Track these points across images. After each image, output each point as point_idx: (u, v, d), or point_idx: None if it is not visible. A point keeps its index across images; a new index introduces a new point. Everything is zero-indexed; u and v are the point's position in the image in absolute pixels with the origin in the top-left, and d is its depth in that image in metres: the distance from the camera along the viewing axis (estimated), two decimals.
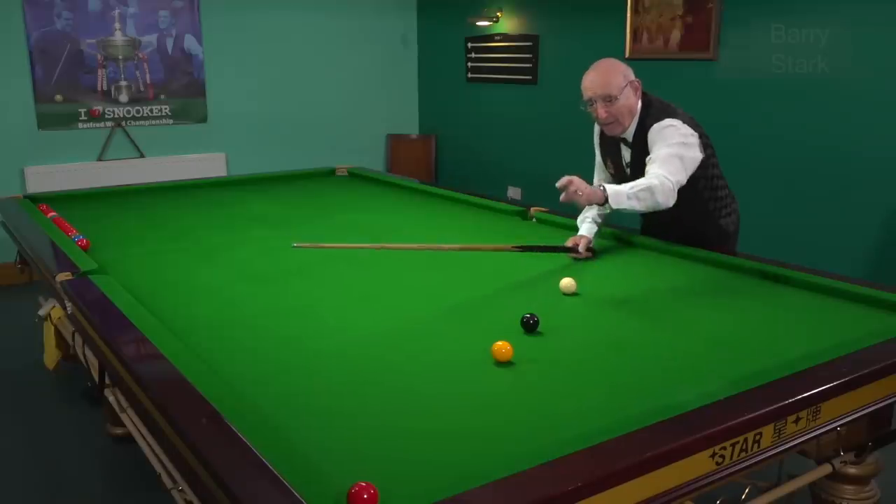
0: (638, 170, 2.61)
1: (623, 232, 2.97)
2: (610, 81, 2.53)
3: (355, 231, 3.23)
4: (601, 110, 2.56)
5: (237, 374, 1.74)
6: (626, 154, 2.69)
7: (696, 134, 2.54)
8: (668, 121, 2.53)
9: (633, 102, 2.59)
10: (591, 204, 2.36)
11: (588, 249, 2.70)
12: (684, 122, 2.54)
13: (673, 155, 2.46)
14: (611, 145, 2.76)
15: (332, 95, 6.23)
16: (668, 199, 2.41)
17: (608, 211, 2.66)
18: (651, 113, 2.58)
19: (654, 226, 2.89)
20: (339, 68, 6.22)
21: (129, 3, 5.38)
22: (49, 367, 2.89)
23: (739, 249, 2.80)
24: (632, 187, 2.36)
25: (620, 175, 2.76)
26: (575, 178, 2.28)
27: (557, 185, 2.28)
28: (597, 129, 2.83)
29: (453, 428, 1.51)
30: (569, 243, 2.67)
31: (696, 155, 2.52)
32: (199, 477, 1.37)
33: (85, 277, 2.42)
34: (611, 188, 2.34)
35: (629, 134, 2.62)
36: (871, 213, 3.74)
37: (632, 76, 2.59)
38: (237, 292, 2.42)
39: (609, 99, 2.54)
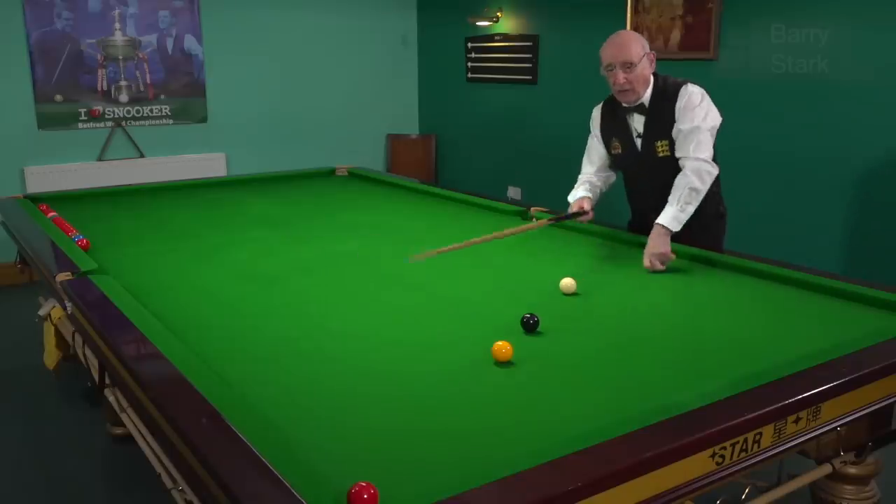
0: (651, 136, 2.73)
1: (622, 232, 2.97)
2: (630, 49, 2.66)
3: (355, 231, 3.23)
4: (620, 76, 2.66)
5: (237, 374, 1.75)
6: (639, 124, 2.77)
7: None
8: (690, 86, 2.69)
9: (648, 73, 2.72)
10: (666, 242, 2.57)
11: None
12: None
13: (697, 128, 2.62)
14: (617, 122, 2.83)
15: (332, 95, 6.23)
16: (708, 182, 2.62)
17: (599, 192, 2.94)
18: (668, 81, 2.73)
19: (653, 210, 2.86)
20: (339, 68, 6.22)
21: (129, 3, 5.38)
22: (49, 367, 2.89)
23: (739, 250, 2.80)
24: (677, 201, 2.58)
25: (628, 150, 2.81)
26: (656, 263, 2.54)
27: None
28: (597, 113, 2.92)
29: (453, 428, 1.51)
30: (574, 208, 2.83)
31: (718, 116, 2.68)
32: (199, 477, 1.37)
33: (85, 277, 2.42)
34: (665, 220, 2.57)
35: (645, 100, 2.73)
36: (871, 213, 3.74)
37: (648, 48, 2.72)
38: (237, 292, 2.42)
39: (629, 66, 2.65)
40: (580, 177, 2.98)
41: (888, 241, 3.69)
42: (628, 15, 4.66)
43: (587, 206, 2.82)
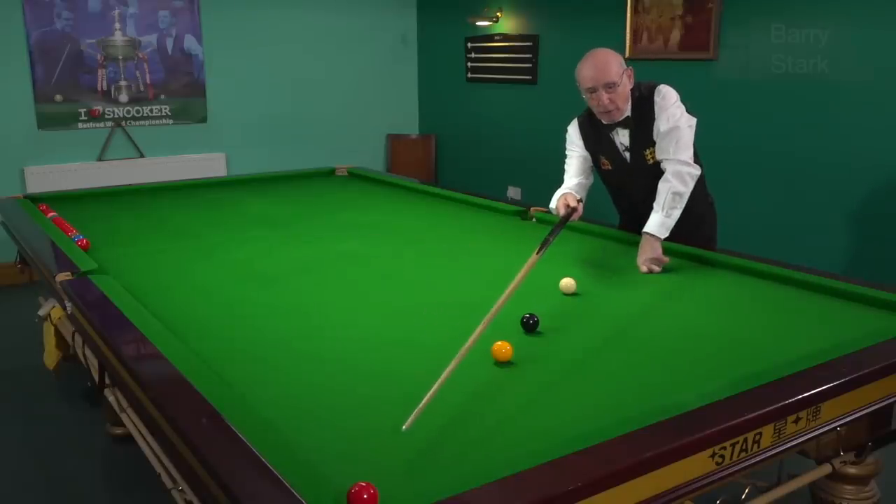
0: (639, 146, 2.70)
1: (622, 232, 2.97)
2: (611, 69, 2.60)
3: (355, 231, 3.23)
4: (604, 97, 2.61)
5: (237, 375, 1.74)
6: (625, 138, 2.73)
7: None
8: (664, 85, 2.66)
9: (628, 89, 2.66)
10: (657, 247, 2.56)
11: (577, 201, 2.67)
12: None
13: (675, 128, 2.60)
14: (602, 139, 2.78)
15: (332, 95, 6.23)
16: (690, 184, 2.60)
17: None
18: (642, 86, 2.68)
19: (645, 208, 2.82)
20: (339, 68, 6.22)
21: (129, 3, 5.38)
22: (49, 367, 2.89)
23: (739, 249, 2.80)
24: (662, 208, 2.56)
25: (618, 165, 2.79)
26: (653, 266, 2.53)
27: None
28: (575, 130, 2.86)
29: (453, 428, 1.51)
30: (562, 211, 2.62)
31: (692, 117, 2.66)
32: (199, 477, 1.37)
33: (85, 277, 2.42)
34: (652, 227, 2.55)
35: (627, 113, 2.69)
36: (871, 213, 3.74)
37: (625, 64, 2.67)
38: (237, 292, 2.42)
39: (611, 86, 2.60)
40: (558, 191, 2.84)
41: (888, 241, 3.69)
42: (628, 15, 4.66)
43: (573, 202, 2.62)
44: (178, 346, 1.84)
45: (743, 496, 1.75)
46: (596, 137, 2.80)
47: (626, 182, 2.85)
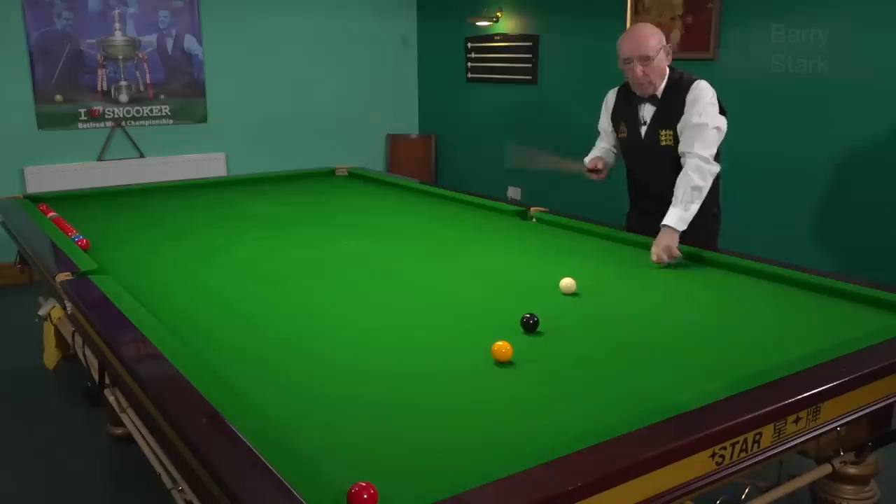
0: (656, 125, 2.78)
1: (622, 232, 2.97)
2: (648, 43, 2.69)
3: (355, 231, 3.23)
4: (638, 69, 2.70)
5: (237, 375, 1.74)
6: (647, 113, 2.82)
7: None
8: (704, 82, 2.72)
9: (664, 66, 2.75)
10: (674, 239, 2.60)
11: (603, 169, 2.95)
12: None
13: (704, 125, 2.65)
14: (629, 108, 2.88)
15: (332, 95, 6.23)
16: (709, 180, 2.66)
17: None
18: (684, 75, 2.76)
19: (655, 212, 2.89)
20: (339, 68, 6.22)
21: (129, 3, 5.38)
22: (49, 367, 2.89)
23: (738, 249, 2.80)
24: (681, 201, 2.62)
25: (633, 135, 2.88)
26: (662, 255, 2.57)
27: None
28: (611, 97, 2.99)
29: (453, 428, 1.51)
30: (590, 166, 2.93)
31: (724, 121, 2.71)
32: (199, 477, 1.37)
33: (85, 277, 2.42)
34: (670, 220, 2.60)
35: (658, 92, 2.77)
36: (871, 214, 3.74)
37: (665, 42, 2.74)
38: (237, 292, 2.42)
39: (646, 59, 2.68)
40: (595, 147, 3.09)
41: (888, 241, 3.69)
42: (628, 15, 4.65)
43: (601, 166, 2.92)
44: (178, 346, 1.84)
45: (743, 496, 1.75)
46: (625, 105, 2.91)
47: (636, 157, 2.94)
